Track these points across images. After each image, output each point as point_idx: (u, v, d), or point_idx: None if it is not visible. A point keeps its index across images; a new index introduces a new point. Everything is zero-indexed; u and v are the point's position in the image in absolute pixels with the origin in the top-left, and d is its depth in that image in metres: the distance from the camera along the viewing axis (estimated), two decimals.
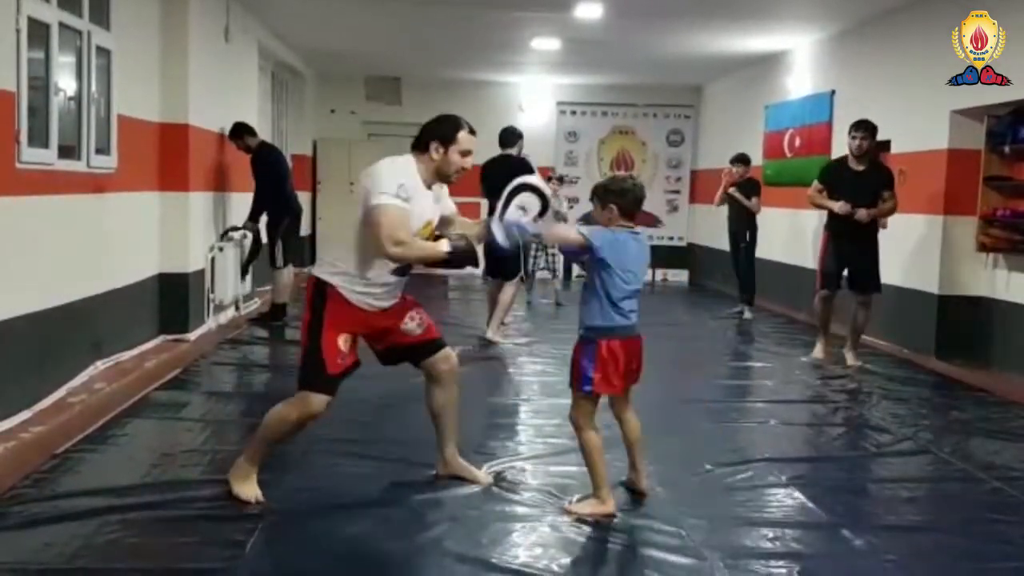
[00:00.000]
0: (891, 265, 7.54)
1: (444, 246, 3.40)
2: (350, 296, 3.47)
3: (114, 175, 5.76)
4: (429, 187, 3.53)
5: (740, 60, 10.83)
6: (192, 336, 6.74)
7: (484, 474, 3.88)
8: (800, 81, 9.78)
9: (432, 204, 3.56)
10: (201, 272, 7.06)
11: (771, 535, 3.40)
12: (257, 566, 2.99)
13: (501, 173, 7.54)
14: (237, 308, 8.00)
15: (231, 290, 7.74)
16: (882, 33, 8.01)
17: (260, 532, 3.21)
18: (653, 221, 13.39)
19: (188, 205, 6.76)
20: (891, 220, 7.64)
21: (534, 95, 13.55)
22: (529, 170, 7.67)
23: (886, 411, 5.40)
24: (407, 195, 3.35)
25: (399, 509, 3.53)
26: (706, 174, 12.62)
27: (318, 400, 3.44)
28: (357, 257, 3.45)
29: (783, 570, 3.08)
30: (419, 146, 3.52)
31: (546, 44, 10.07)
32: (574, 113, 13.71)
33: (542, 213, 3.56)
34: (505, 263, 7.17)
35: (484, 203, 7.82)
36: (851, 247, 6.41)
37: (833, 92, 8.88)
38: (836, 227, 6.49)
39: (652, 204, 13.37)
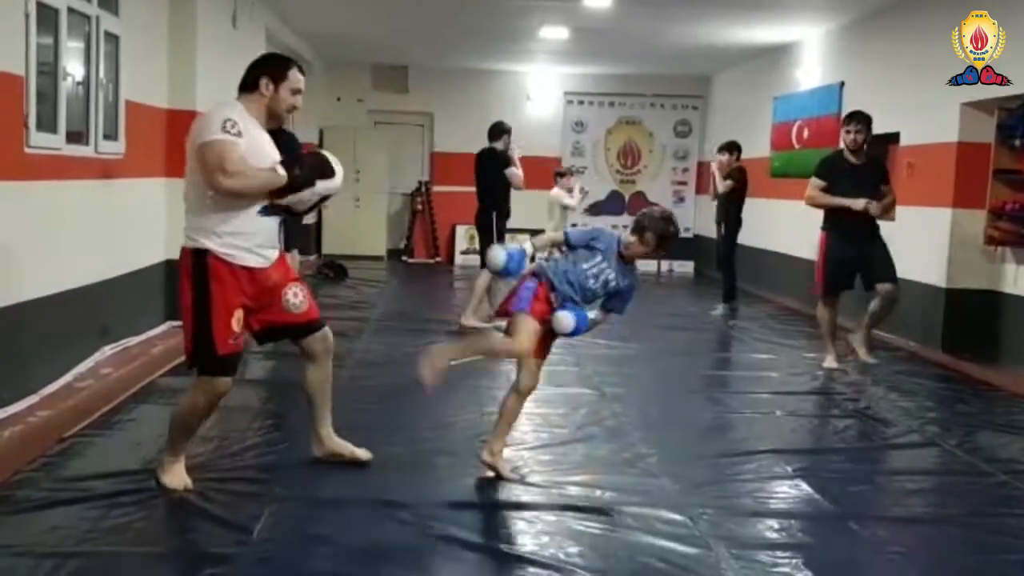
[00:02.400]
0: (898, 257, 7.50)
1: (280, 169, 3.28)
2: (230, 256, 3.29)
3: (122, 160, 5.75)
4: (266, 129, 3.43)
5: (749, 51, 10.79)
6: None
7: (363, 451, 3.82)
8: (809, 73, 9.74)
9: (274, 147, 3.43)
10: None
11: (777, 526, 3.40)
12: (264, 550, 2.99)
13: (481, 167, 7.68)
14: None
15: None
16: (891, 25, 7.97)
17: (267, 517, 3.22)
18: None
19: None
20: (899, 213, 7.63)
21: (541, 85, 13.53)
22: (503, 165, 7.61)
23: (892, 404, 5.39)
24: (237, 131, 3.23)
25: (405, 496, 3.52)
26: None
27: (222, 382, 3.40)
28: (213, 210, 3.27)
29: (789, 561, 3.08)
30: (247, 86, 3.44)
31: (554, 33, 10.04)
32: (581, 103, 13.68)
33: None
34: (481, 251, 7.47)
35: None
36: (859, 246, 5.98)
37: (842, 84, 8.84)
38: (839, 227, 6.05)
39: (659, 195, 13.37)
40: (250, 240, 3.34)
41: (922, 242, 7.21)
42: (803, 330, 7.94)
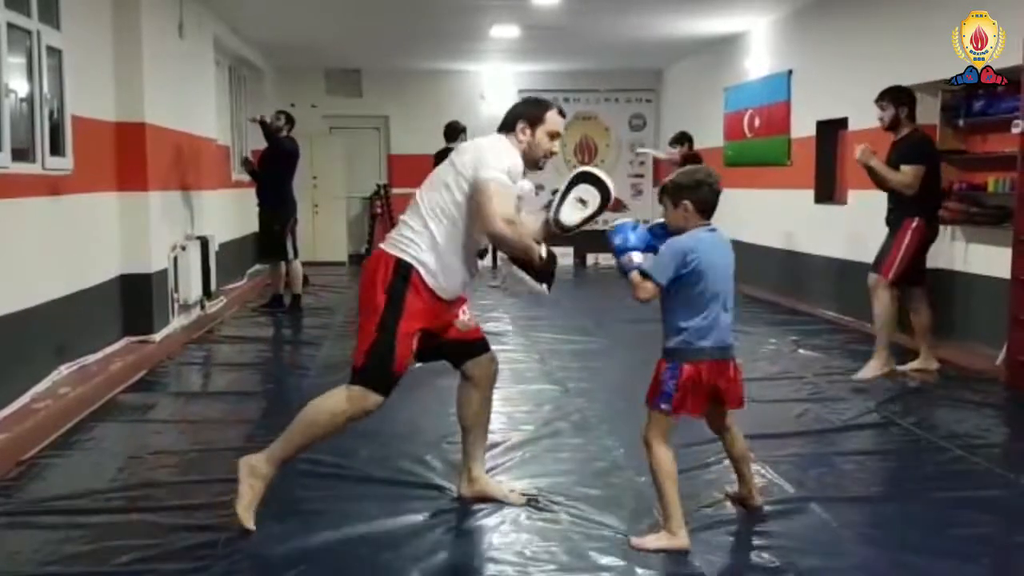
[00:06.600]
0: (848, 239, 7.65)
1: (543, 250, 3.14)
2: (431, 281, 3.17)
3: (70, 176, 5.67)
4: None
5: (699, 43, 10.89)
6: (157, 337, 6.67)
7: (517, 494, 3.49)
8: (758, 62, 9.86)
9: None
10: (164, 272, 6.99)
11: (740, 511, 3.45)
12: (229, 565, 2.97)
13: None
14: (202, 307, 7.92)
15: (195, 289, 7.67)
16: (837, 11, 8.09)
17: (232, 531, 3.19)
18: (619, 206, 13.45)
19: (148, 204, 6.68)
20: (851, 196, 7.78)
21: (495, 83, 13.54)
22: None
23: (849, 385, 5.48)
24: (513, 180, 3.14)
25: (368, 502, 3.52)
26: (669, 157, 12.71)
27: (375, 400, 3.13)
28: (438, 233, 3.17)
29: (753, 545, 3.13)
30: (507, 128, 3.30)
31: (505, 32, 10.06)
32: None
33: (603, 206, 3.43)
34: None
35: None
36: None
37: (790, 72, 8.96)
38: (933, 211, 5.79)
39: (616, 189, 13.38)
40: (451, 283, 3.23)
41: (875, 224, 7.32)
42: (758, 316, 8.07)
